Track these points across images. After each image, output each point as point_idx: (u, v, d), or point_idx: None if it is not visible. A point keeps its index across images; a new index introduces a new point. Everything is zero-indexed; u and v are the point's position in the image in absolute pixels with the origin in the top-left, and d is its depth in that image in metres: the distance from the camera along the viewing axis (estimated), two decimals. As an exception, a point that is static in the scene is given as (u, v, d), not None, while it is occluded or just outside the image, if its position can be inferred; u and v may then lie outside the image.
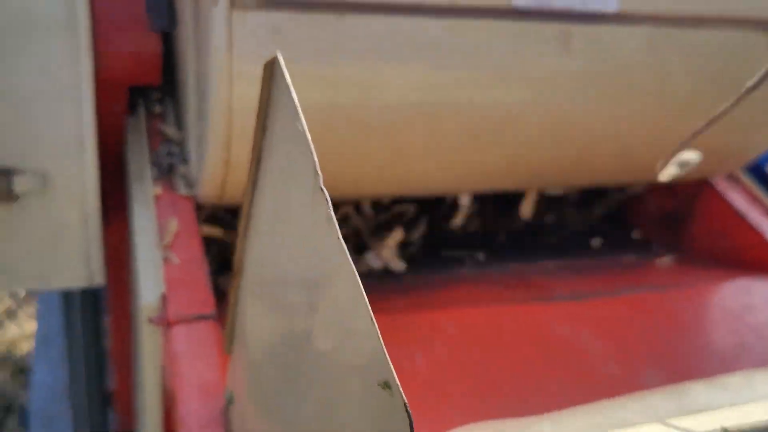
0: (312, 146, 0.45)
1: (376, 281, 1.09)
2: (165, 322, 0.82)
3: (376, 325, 0.39)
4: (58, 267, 0.98)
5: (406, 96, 0.91)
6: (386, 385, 0.38)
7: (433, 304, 0.99)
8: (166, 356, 0.83)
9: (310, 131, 0.46)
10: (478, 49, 0.90)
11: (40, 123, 0.95)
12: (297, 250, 0.51)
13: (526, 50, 0.92)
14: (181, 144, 1.10)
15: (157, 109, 1.15)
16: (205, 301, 0.85)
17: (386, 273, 1.12)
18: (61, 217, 0.96)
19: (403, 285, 1.07)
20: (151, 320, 0.83)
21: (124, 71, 1.09)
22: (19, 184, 0.93)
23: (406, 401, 0.37)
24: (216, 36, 0.82)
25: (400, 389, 0.37)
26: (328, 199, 0.43)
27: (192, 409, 0.72)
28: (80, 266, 0.98)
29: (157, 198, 0.99)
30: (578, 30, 0.93)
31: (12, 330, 2.60)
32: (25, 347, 2.53)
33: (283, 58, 0.51)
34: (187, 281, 0.87)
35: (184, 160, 1.07)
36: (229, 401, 0.70)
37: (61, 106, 0.96)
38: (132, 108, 1.16)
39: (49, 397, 2.12)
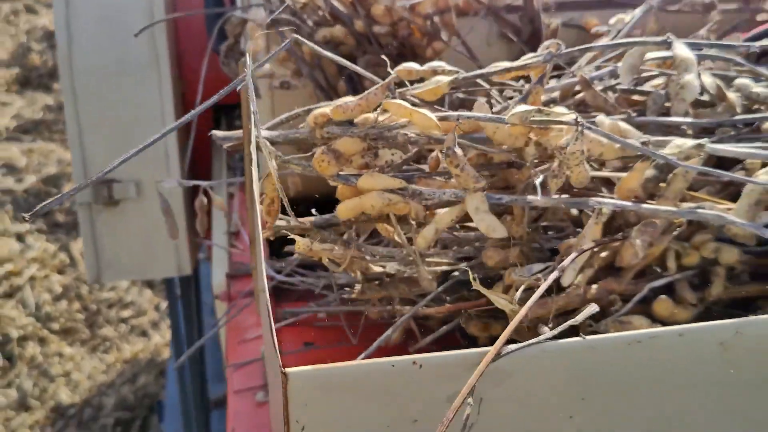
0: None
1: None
2: (227, 298, 0.98)
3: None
4: (153, 260, 1.17)
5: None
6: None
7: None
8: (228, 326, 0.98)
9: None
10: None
11: (134, 142, 1.14)
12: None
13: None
14: (255, 151, 1.26)
15: (237, 122, 1.33)
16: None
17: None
18: (153, 217, 1.15)
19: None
20: (216, 296, 0.99)
21: (207, 93, 1.28)
22: (118, 192, 1.13)
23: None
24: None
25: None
26: None
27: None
28: (171, 259, 1.17)
29: (231, 196, 1.16)
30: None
31: (156, 338, 2.91)
32: (167, 353, 2.82)
33: None
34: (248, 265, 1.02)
35: (257, 165, 1.23)
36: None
37: (150, 127, 1.15)
38: (216, 122, 1.34)
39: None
